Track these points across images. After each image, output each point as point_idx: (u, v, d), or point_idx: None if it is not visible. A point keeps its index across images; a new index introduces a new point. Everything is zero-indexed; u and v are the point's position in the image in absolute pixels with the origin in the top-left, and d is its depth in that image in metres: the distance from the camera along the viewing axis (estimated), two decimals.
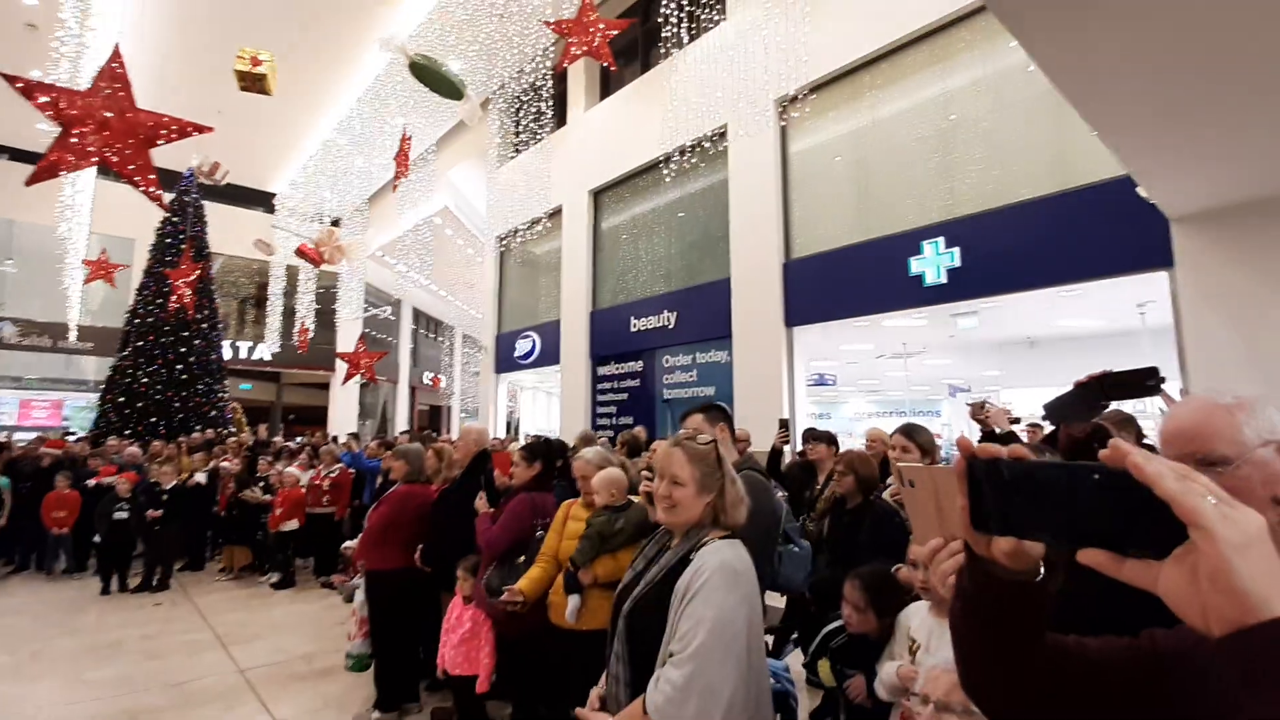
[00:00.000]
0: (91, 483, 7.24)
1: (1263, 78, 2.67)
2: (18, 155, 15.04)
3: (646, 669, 1.47)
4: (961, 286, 6.19)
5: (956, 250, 6.23)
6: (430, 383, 20.86)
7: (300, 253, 11.37)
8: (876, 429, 4.65)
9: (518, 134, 10.92)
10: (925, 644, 1.90)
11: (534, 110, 9.93)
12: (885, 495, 2.77)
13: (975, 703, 0.77)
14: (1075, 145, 5.59)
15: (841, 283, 7.06)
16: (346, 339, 17.32)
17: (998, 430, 3.02)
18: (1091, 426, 1.69)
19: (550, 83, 9.94)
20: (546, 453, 3.21)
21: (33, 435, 10.03)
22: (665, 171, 8.20)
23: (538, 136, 10.13)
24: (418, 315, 21.22)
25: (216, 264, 14.11)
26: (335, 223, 16.14)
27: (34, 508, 7.11)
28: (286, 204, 15.95)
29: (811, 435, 4.13)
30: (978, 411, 3.02)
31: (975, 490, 0.65)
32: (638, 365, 9.45)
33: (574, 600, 2.48)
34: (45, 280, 14.60)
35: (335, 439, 8.98)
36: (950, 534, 0.96)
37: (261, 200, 17.72)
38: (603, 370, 10.00)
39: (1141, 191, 4.71)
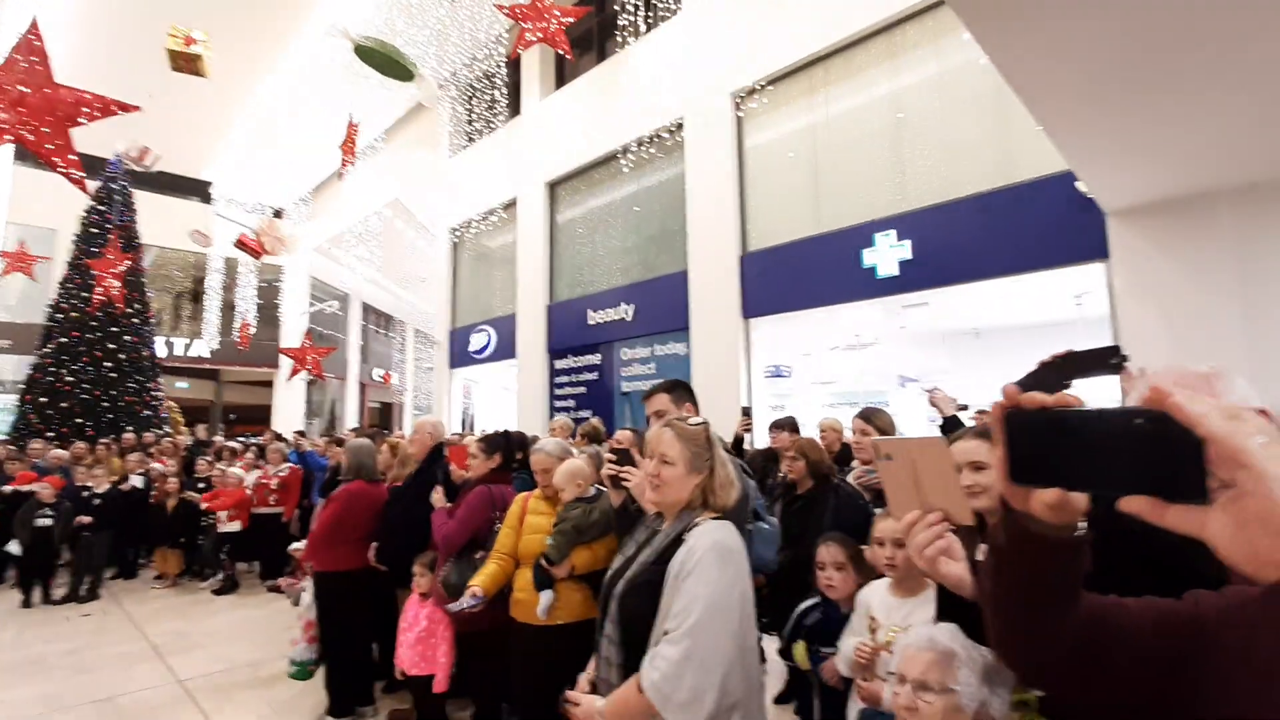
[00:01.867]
0: (8, 489, 6.73)
1: (1191, 77, 2.80)
2: None
3: (639, 650, 1.46)
4: (913, 278, 6.35)
5: (908, 243, 6.38)
6: (381, 379, 20.27)
7: (240, 244, 10.82)
8: (829, 418, 4.72)
9: (470, 122, 10.68)
10: (885, 621, 1.92)
11: (488, 99, 9.72)
12: (850, 479, 2.80)
13: (1005, 662, 0.74)
14: (1020, 142, 5.78)
15: (797, 275, 7.16)
16: (291, 335, 16.67)
17: (944, 415, 3.10)
18: None
19: (504, 70, 9.74)
20: (506, 445, 3.13)
21: None
22: (623, 162, 8.16)
23: (492, 125, 9.93)
24: (367, 310, 20.57)
25: (149, 256, 13.31)
26: (277, 213, 15.49)
27: None
28: (224, 194, 15.20)
29: (776, 425, 4.16)
30: (939, 398, 3.09)
31: (1013, 441, 0.63)
32: (595, 358, 9.38)
33: (546, 596, 2.43)
34: None
35: (281, 437, 8.61)
36: (929, 506, 0.94)
37: (197, 190, 16.84)
38: (560, 364, 9.89)
39: (1081, 186, 4.91)
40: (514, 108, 10.81)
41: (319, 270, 18.01)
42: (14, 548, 6.17)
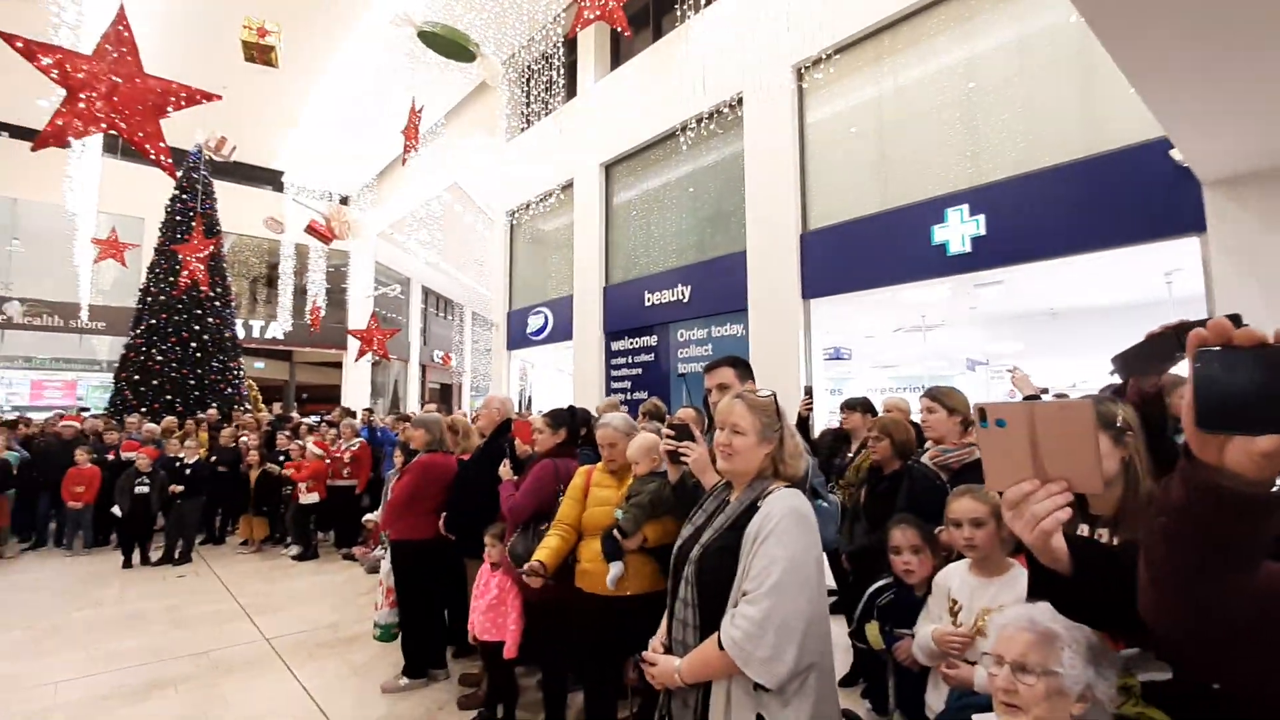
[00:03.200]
0: (111, 457, 7.28)
1: None
2: (20, 133, 14.96)
3: (716, 612, 1.49)
4: (986, 255, 6.07)
5: (981, 218, 6.09)
6: (441, 361, 20.88)
7: (310, 229, 11.30)
8: (895, 398, 4.58)
9: (528, 104, 10.75)
10: (968, 604, 1.86)
11: (545, 80, 9.75)
12: (925, 459, 2.71)
13: (1154, 628, 0.69)
14: (1107, 107, 5.42)
15: (860, 254, 6.94)
16: (358, 318, 17.33)
17: (1024, 396, 2.97)
18: (1164, 381, 1.63)
19: (561, 51, 9.74)
20: (571, 420, 3.17)
21: (48, 415, 10.12)
22: (682, 139, 8.06)
23: (549, 107, 9.96)
24: (427, 294, 21.18)
25: (227, 243, 14.04)
26: (344, 200, 16.06)
27: (53, 484, 7.19)
28: (295, 182, 15.85)
29: (846, 405, 4.06)
30: (1014, 377, 2.97)
31: (1205, 384, 0.57)
32: (651, 340, 9.39)
33: (616, 567, 2.47)
34: (54, 260, 14.64)
35: (352, 413, 9.00)
36: (1047, 475, 0.89)
37: (270, 179, 17.64)
38: (616, 345, 9.94)
39: (1175, 154, 4.56)
40: (570, 89, 10.82)
41: (383, 255, 18.61)
42: (116, 512, 6.70)
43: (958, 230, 6.23)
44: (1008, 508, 0.92)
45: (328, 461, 6.95)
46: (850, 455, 3.67)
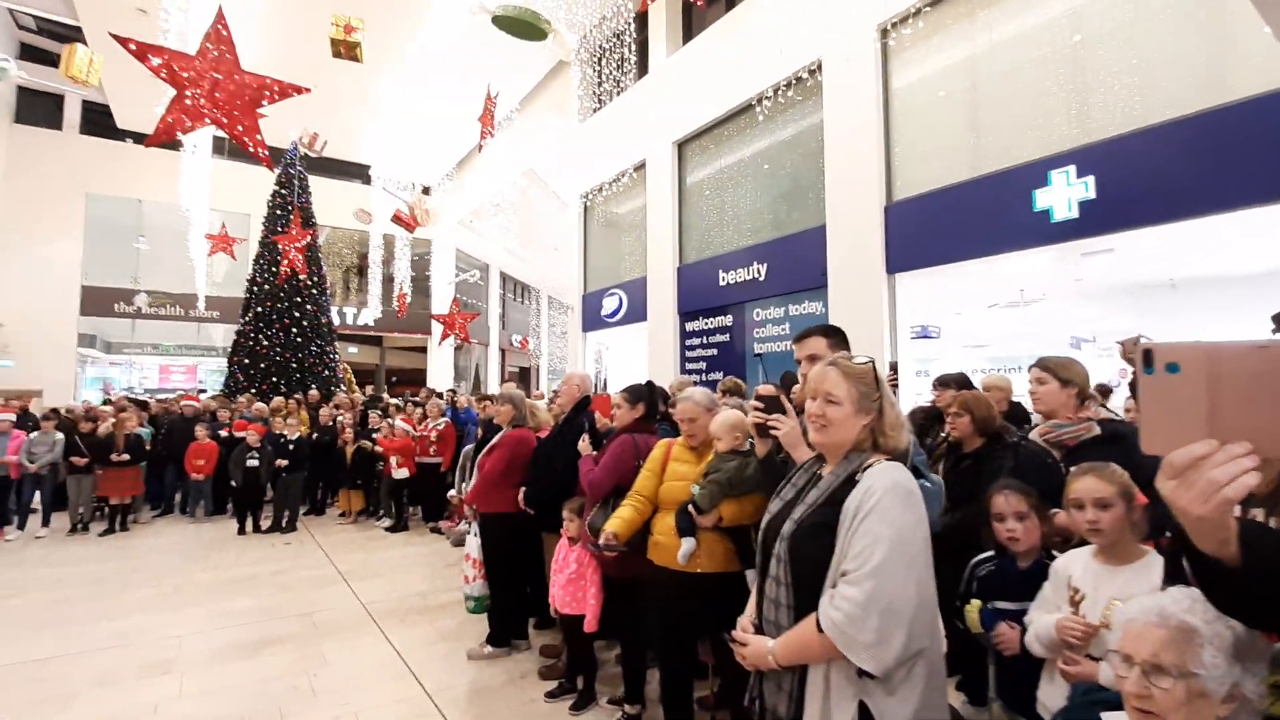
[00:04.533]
0: (225, 433, 7.91)
1: None
2: (142, 139, 16.33)
3: (811, 592, 1.40)
4: (1095, 220, 5.55)
5: (1090, 180, 5.57)
6: (519, 344, 21.44)
7: (396, 219, 11.80)
8: (996, 376, 4.27)
9: (600, 83, 10.72)
10: (1092, 594, 1.68)
11: (616, 58, 9.67)
12: (1034, 435, 2.49)
13: None
14: (1231, 55, 4.81)
15: (952, 224, 6.51)
16: (441, 303, 18.02)
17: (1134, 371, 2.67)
18: None
19: (632, 28, 9.62)
20: (649, 394, 3.13)
21: (173, 396, 11.10)
22: (758, 110, 7.80)
23: (621, 86, 9.89)
24: (505, 279, 21.74)
25: (322, 235, 14.89)
26: (426, 190, 16.66)
27: (178, 457, 7.90)
28: (380, 174, 16.56)
29: (941, 381, 3.82)
30: (1131, 349, 2.66)
31: None
32: (727, 319, 9.23)
33: (689, 543, 2.42)
34: (175, 255, 15.98)
35: (438, 394, 9.38)
36: (1228, 434, 0.75)
37: (358, 172, 18.51)
38: (691, 325, 9.84)
39: None
40: (642, 67, 10.70)
41: (463, 242, 19.22)
42: (232, 483, 7.29)
43: (1063, 194, 5.72)
44: (1170, 475, 0.77)
45: (415, 439, 7.26)
46: (944, 435, 3.45)
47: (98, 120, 16.51)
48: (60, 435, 7.30)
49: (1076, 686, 1.54)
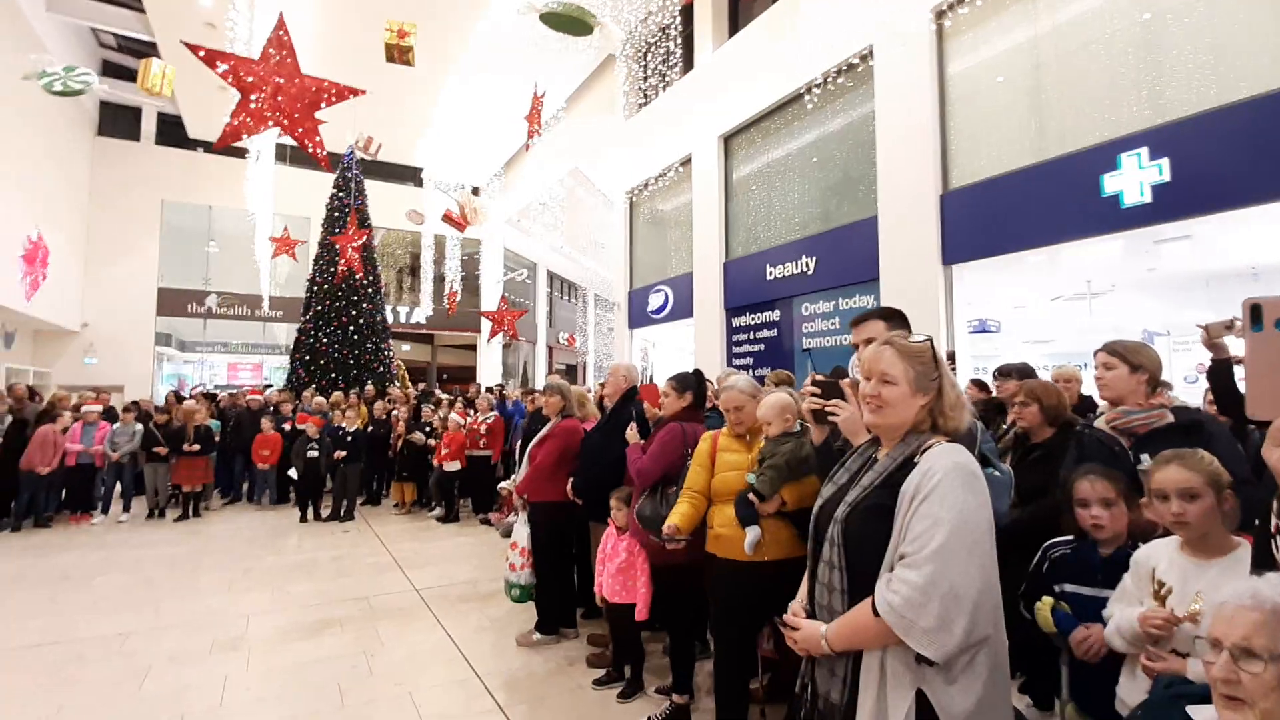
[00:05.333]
0: (288, 426, 8.25)
1: None
2: (213, 148, 17.24)
3: (867, 576, 1.35)
4: (1171, 205, 5.23)
5: (1163, 162, 5.26)
6: (566, 342, 21.67)
7: (446, 218, 12.09)
8: (1066, 367, 4.08)
9: (645, 78, 10.72)
10: (1179, 588, 1.57)
11: (662, 53, 9.65)
12: (1100, 423, 2.36)
13: None
14: None
15: (1012, 212, 6.25)
16: (489, 302, 18.36)
17: (1221, 356, 2.49)
18: None
19: (678, 21, 9.58)
20: (696, 383, 3.10)
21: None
22: (808, 99, 7.66)
23: (666, 80, 9.87)
24: (552, 278, 22.00)
25: (376, 236, 15.38)
26: (475, 191, 17.00)
27: (245, 448, 8.29)
28: (431, 176, 16.99)
29: (1001, 372, 3.67)
30: (1219, 332, 2.47)
31: None
32: (774, 314, 9.10)
33: (754, 532, 2.39)
34: (242, 258, 16.77)
35: (487, 388, 9.57)
36: None
37: (410, 175, 19.04)
38: (738, 321, 9.74)
39: None
40: (687, 62, 10.65)
41: (511, 242, 19.54)
42: (293, 474, 7.60)
43: (1134, 178, 5.42)
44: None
45: (466, 432, 7.42)
46: (1006, 426, 3.30)
47: (171, 131, 17.48)
48: (139, 426, 7.75)
49: (1159, 679, 1.44)
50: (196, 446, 7.65)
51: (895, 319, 2.07)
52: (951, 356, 3.93)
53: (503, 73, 12.48)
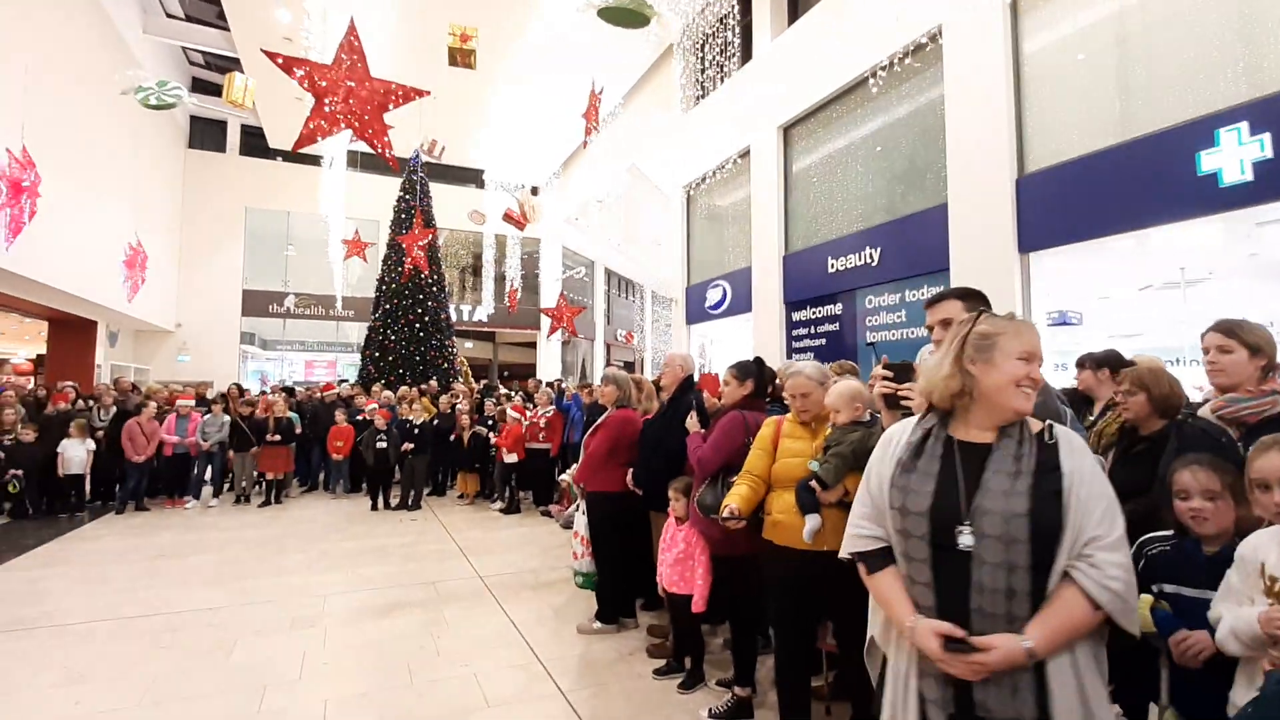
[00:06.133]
0: (361, 418, 8.62)
1: None
2: (289, 157, 18.21)
3: (1047, 570, 1.27)
4: (1276, 183, 4.81)
5: (1265, 137, 4.85)
6: (624, 339, 21.80)
7: (507, 217, 12.36)
8: (1149, 357, 3.78)
9: (703, 70, 10.65)
10: None
11: (720, 43, 9.56)
12: (1205, 411, 2.17)
13: None
14: None
15: (1096, 194, 5.89)
16: (549, 299, 18.68)
17: None
18: None
19: (736, 10, 9.47)
20: (758, 371, 3.05)
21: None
22: (872, 83, 7.44)
23: (724, 71, 9.77)
24: (610, 275, 22.17)
25: (440, 237, 15.88)
26: (534, 190, 17.30)
27: (321, 439, 8.72)
28: (493, 177, 17.40)
29: (1087, 361, 3.44)
30: None
31: None
32: (836, 308, 8.87)
33: (814, 520, 2.33)
34: (317, 260, 17.64)
35: (546, 383, 9.74)
36: None
37: (472, 177, 19.56)
38: (798, 315, 9.55)
39: None
40: (746, 52, 10.51)
41: (569, 240, 19.80)
42: (381, 445, 7.92)
43: (1234, 155, 5.02)
44: None
45: (525, 426, 7.56)
46: (1092, 419, 3.10)
47: (253, 142, 18.58)
48: (227, 418, 8.26)
49: (1272, 674, 1.32)
50: (278, 437, 8.10)
51: (973, 298, 1.96)
52: None
53: (560, 72, 12.65)
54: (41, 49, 9.63)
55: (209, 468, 8.29)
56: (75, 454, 7.28)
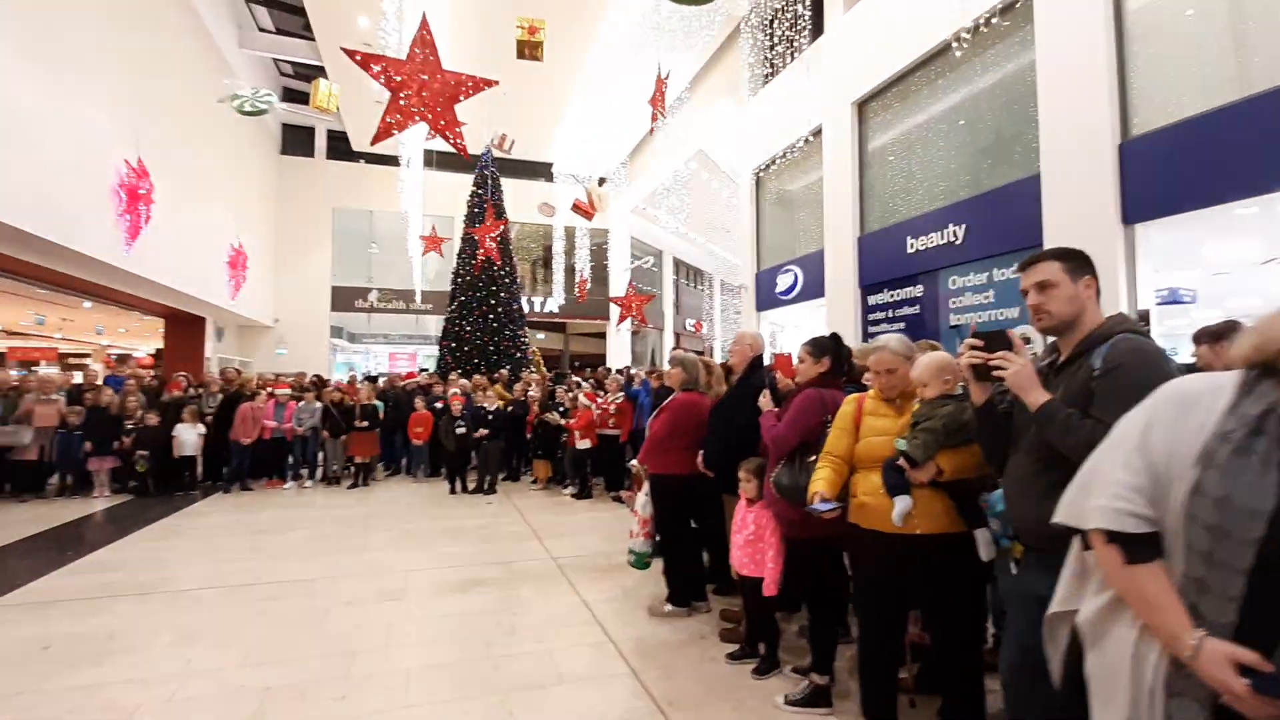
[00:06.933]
0: (440, 405, 8.96)
1: None
2: (371, 159, 19.10)
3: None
4: None
5: None
6: (693, 328, 21.70)
7: (575, 207, 12.50)
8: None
9: (772, 47, 10.36)
10: None
11: (789, 18, 9.27)
12: None
13: None
14: None
15: (1213, 157, 5.32)
16: (617, 289, 18.82)
17: None
18: None
19: None
20: (835, 348, 2.92)
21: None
22: (956, 49, 7.02)
23: (795, 46, 9.47)
24: (678, 265, 22.10)
25: (512, 230, 16.27)
26: (601, 181, 17.42)
27: (403, 425, 9.13)
28: (561, 170, 17.63)
29: (1204, 335, 3.11)
30: None
31: None
32: (916, 290, 8.45)
33: (904, 501, 2.21)
34: (398, 256, 18.45)
35: (616, 370, 9.82)
36: None
37: (541, 171, 19.91)
38: (874, 299, 9.18)
39: None
40: (817, 27, 10.15)
41: (637, 230, 19.84)
42: (459, 430, 8.20)
43: None
44: None
45: (596, 412, 7.63)
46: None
47: (338, 146, 19.60)
48: (319, 405, 8.78)
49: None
50: (365, 423, 8.54)
51: (1075, 258, 1.79)
52: (1145, 317, 3.40)
53: (627, 60, 12.63)
54: (152, 69, 10.46)
55: (304, 452, 8.83)
56: (188, 437, 7.94)
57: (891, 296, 8.85)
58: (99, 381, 8.82)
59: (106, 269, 9.55)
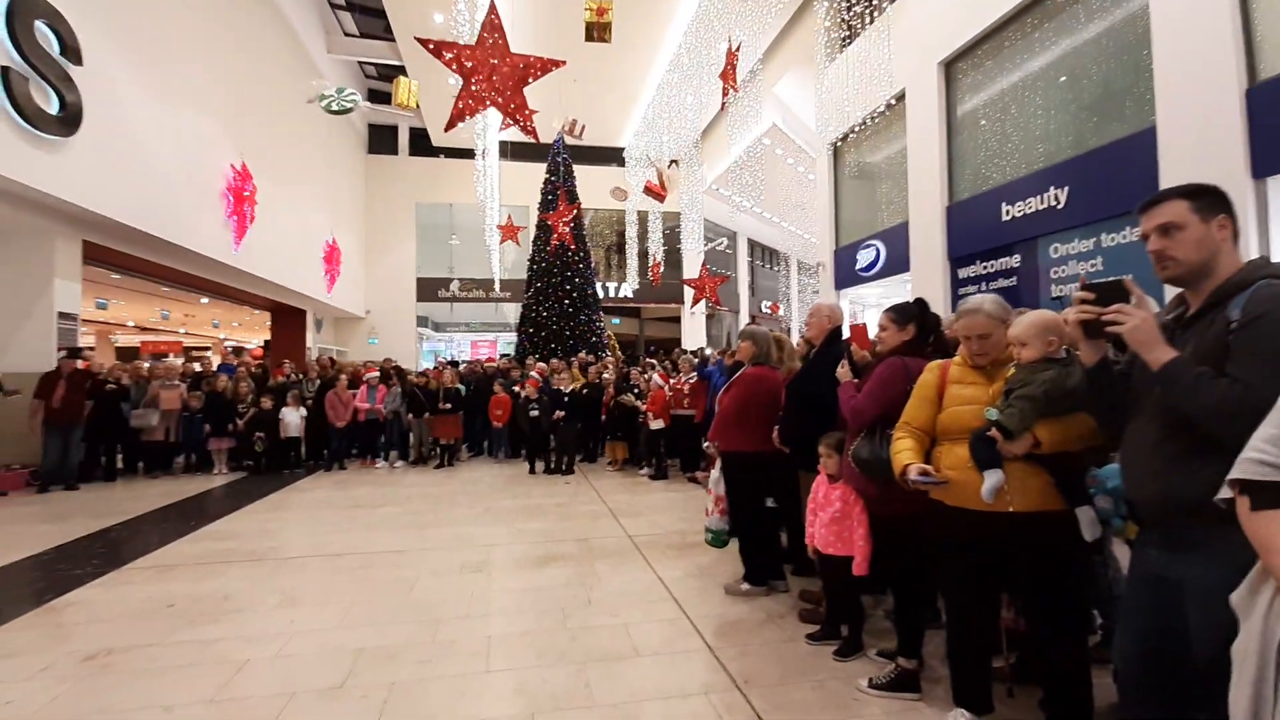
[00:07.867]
0: (517, 389, 9.21)
1: None
2: (451, 153, 19.76)
3: None
4: None
5: None
6: (769, 310, 21.26)
7: (647, 189, 12.44)
8: None
9: (849, 9, 9.86)
10: None
11: None
12: None
13: None
14: None
15: None
16: (691, 272, 18.68)
17: None
18: None
19: None
20: (921, 314, 2.74)
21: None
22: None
23: (874, 5, 8.97)
24: (753, 246, 21.67)
25: (585, 217, 16.44)
26: (674, 162, 17.26)
27: (484, 408, 9.45)
28: (633, 154, 17.60)
29: None
30: None
31: None
32: (1012, 261, 7.87)
33: (994, 475, 2.01)
34: (477, 247, 19.05)
35: (689, 351, 9.74)
36: None
37: (614, 157, 19.97)
38: (964, 272, 8.62)
39: None
40: None
41: (710, 212, 19.58)
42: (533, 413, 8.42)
43: None
44: None
45: (669, 393, 7.61)
46: None
47: (419, 143, 20.41)
48: (399, 388, 9.22)
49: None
50: (448, 405, 8.90)
51: (1205, 195, 1.56)
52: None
53: (696, 36, 12.40)
54: (250, 77, 11.21)
55: (394, 434, 9.32)
56: (292, 419, 8.54)
57: (985, 268, 8.29)
58: (214, 369, 9.64)
59: (218, 266, 10.38)
